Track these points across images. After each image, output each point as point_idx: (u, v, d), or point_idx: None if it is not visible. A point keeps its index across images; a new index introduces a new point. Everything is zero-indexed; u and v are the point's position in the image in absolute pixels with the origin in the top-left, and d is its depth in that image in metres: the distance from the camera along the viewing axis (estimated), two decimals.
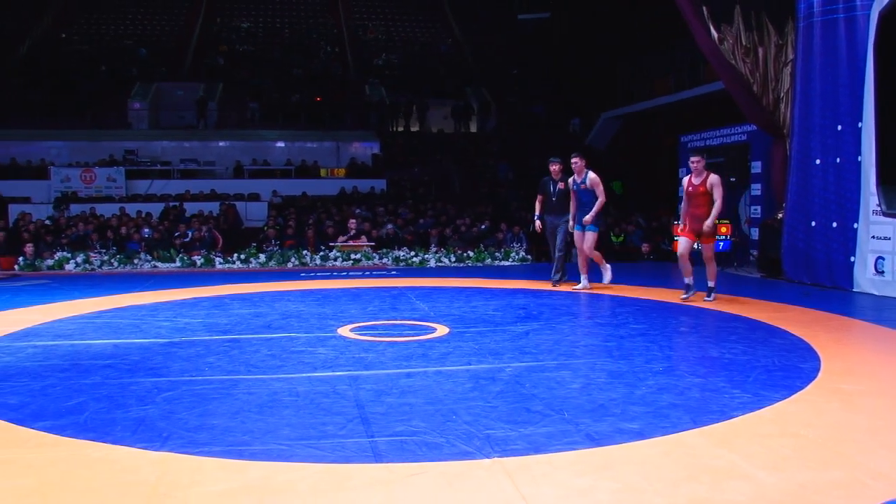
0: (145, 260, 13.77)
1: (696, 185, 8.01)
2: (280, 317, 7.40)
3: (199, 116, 24.64)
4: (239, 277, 11.97)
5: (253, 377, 4.76)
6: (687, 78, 19.79)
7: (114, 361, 5.26)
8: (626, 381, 4.58)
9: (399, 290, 9.84)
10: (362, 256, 14.08)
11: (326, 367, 5.06)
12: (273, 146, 24.26)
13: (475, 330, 6.54)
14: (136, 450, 3.37)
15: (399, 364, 5.13)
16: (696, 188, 8.00)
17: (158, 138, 23.71)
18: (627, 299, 8.60)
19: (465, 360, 5.24)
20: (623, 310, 7.71)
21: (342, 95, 26.53)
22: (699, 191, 7.97)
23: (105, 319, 7.33)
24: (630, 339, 5.98)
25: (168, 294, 9.54)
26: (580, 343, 5.91)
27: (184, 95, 25.65)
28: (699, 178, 8.00)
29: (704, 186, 7.93)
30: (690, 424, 3.70)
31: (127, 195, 20.40)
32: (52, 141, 22.93)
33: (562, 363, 5.11)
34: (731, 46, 11.51)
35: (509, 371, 4.87)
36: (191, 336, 6.30)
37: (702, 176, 7.99)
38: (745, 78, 11.44)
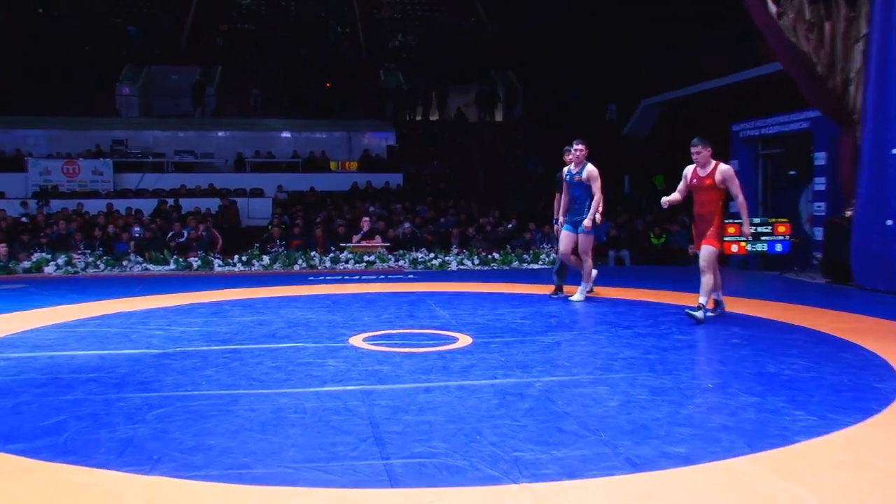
0: (135, 262, 13.87)
1: (701, 178, 7.39)
2: (286, 325, 7.40)
3: (196, 103, 24.80)
4: (240, 281, 12.01)
5: (255, 392, 4.75)
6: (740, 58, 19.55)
7: (99, 375, 5.26)
8: (670, 398, 4.53)
9: (417, 295, 9.82)
10: (376, 258, 14.08)
11: (337, 380, 5.05)
12: (278, 137, 24.37)
13: (501, 340, 6.50)
14: (123, 474, 3.36)
15: (417, 378, 5.11)
16: (702, 181, 7.37)
17: (150, 127, 23.88)
18: (671, 307, 8.51)
19: (490, 374, 5.21)
20: (666, 319, 7.64)
21: (354, 81, 26.62)
22: (705, 184, 7.34)
23: (89, 328, 7.36)
24: (675, 352, 5.92)
25: (161, 300, 9.59)
26: (618, 355, 5.85)
27: (178, 80, 25.81)
28: (705, 169, 7.37)
29: (712, 179, 7.31)
30: (745, 450, 3.63)
31: (115, 190, 20.52)
32: (30, 129, 23.08)
33: (598, 378, 5.07)
34: (792, 21, 11.26)
35: (539, 386, 4.83)
36: (186, 346, 6.31)
37: (708, 167, 7.36)
38: (807, 57, 11.22)
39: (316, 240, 15.54)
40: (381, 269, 13.82)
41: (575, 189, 8.90)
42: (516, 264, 14.32)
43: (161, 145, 23.29)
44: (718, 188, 7.30)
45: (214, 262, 13.90)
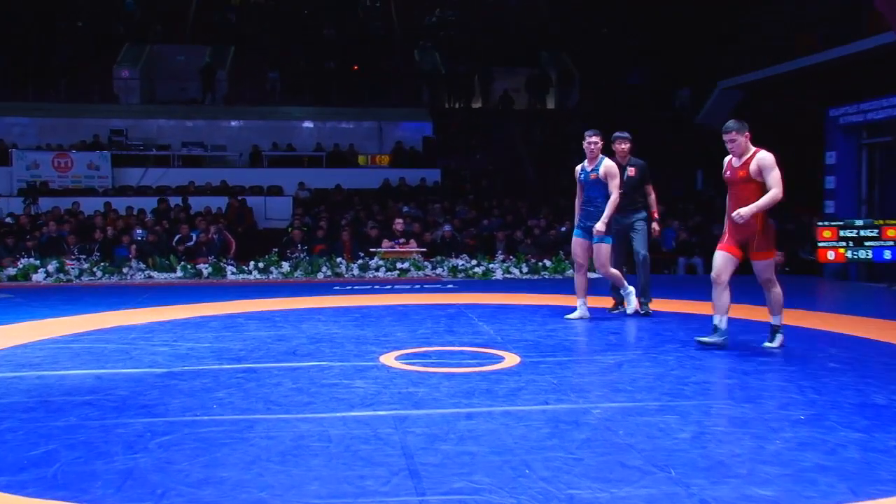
0: (137, 269, 14.03)
1: (735, 170, 6.85)
2: (308, 341, 7.41)
3: (205, 88, 25.07)
4: (256, 291, 12.09)
5: (273, 417, 4.75)
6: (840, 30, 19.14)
7: (95, 398, 5.28)
8: (753, 431, 4.45)
9: (457, 307, 9.80)
10: (411, 266, 14.10)
11: (366, 404, 5.04)
12: (299, 127, 24.56)
13: (553, 360, 6.46)
14: None
15: (457, 402, 5.08)
16: (736, 173, 6.83)
17: (153, 115, 24.23)
18: (752, 323, 8.39)
19: (540, 399, 5.17)
20: (747, 337, 7.53)
21: (385, 62, 26.73)
22: (739, 176, 6.80)
23: (84, 344, 7.40)
24: (758, 376, 5.83)
25: (166, 312, 9.67)
26: (690, 379, 5.77)
27: (185, 61, 26.10)
28: (741, 159, 6.83)
29: (746, 170, 6.75)
30: (848, 496, 3.54)
31: (113, 187, 20.86)
32: (16, 117, 23.46)
33: (666, 405, 5.01)
34: None
35: (598, 413, 4.79)
36: (195, 365, 6.34)
37: (745, 156, 6.81)
38: None
39: (342, 244, 15.60)
40: (416, 278, 13.82)
41: (590, 189, 8.58)
42: (570, 273, 14.20)
43: (166, 136, 23.59)
44: (755, 180, 6.71)
45: (227, 270, 14.01)
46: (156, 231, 16.20)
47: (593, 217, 8.50)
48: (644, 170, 9.10)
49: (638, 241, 9.03)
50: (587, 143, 8.55)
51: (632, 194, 8.97)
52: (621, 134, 9.09)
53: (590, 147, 8.53)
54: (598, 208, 8.48)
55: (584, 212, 8.62)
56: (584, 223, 8.63)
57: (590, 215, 8.55)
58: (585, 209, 8.61)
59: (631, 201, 8.99)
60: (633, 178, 8.99)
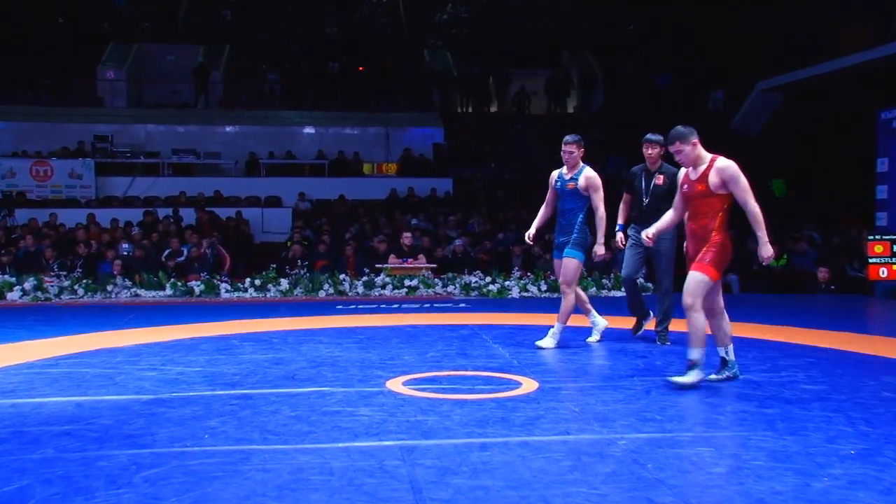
0: (123, 286, 14.05)
1: (693, 183, 6.37)
2: (308, 364, 7.40)
3: (198, 91, 25.19)
4: (252, 311, 12.09)
5: (270, 448, 4.74)
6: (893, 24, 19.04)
7: (75, 427, 5.27)
8: (797, 466, 4.39)
9: (470, 329, 9.77)
10: (420, 283, 14.08)
11: (371, 434, 5.02)
12: (299, 133, 24.65)
13: (575, 385, 6.44)
14: None
15: (470, 431, 5.06)
16: (694, 187, 6.35)
17: (141, 120, 24.33)
18: (795, 347, 8.33)
19: (561, 428, 5.15)
20: (789, 362, 7.47)
21: (393, 63, 26.80)
22: (697, 190, 6.31)
23: (64, 368, 7.39)
24: (801, 406, 5.76)
25: (154, 333, 9.66)
26: (726, 408, 5.73)
27: (176, 62, 26.23)
28: (697, 171, 6.35)
29: (705, 183, 6.27)
30: None
31: (97, 198, 20.92)
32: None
33: (700, 436, 4.97)
34: None
35: (624, 444, 4.76)
36: (185, 391, 6.32)
37: (701, 167, 6.33)
38: None
39: (346, 260, 15.61)
40: (425, 297, 13.80)
41: (566, 199, 8.29)
42: (594, 291, 14.18)
43: (155, 142, 23.69)
44: (717, 194, 6.23)
45: (221, 287, 14.02)
46: (143, 245, 16.22)
47: (565, 231, 8.29)
48: (675, 179, 8.37)
49: (663, 265, 8.51)
50: (566, 152, 8.25)
51: (658, 206, 8.26)
52: (652, 137, 8.54)
53: (565, 157, 8.26)
54: (570, 223, 8.25)
55: (558, 225, 8.39)
56: (557, 238, 8.40)
57: (562, 229, 8.32)
58: (558, 222, 8.38)
59: (655, 214, 8.13)
60: (660, 187, 8.44)
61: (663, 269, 8.55)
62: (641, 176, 8.64)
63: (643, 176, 8.62)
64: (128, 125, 23.89)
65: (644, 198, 8.55)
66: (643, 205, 8.53)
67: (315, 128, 24.73)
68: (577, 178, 8.25)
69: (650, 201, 8.50)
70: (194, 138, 23.92)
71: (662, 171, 8.61)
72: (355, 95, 25.52)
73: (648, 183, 8.56)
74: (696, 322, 6.28)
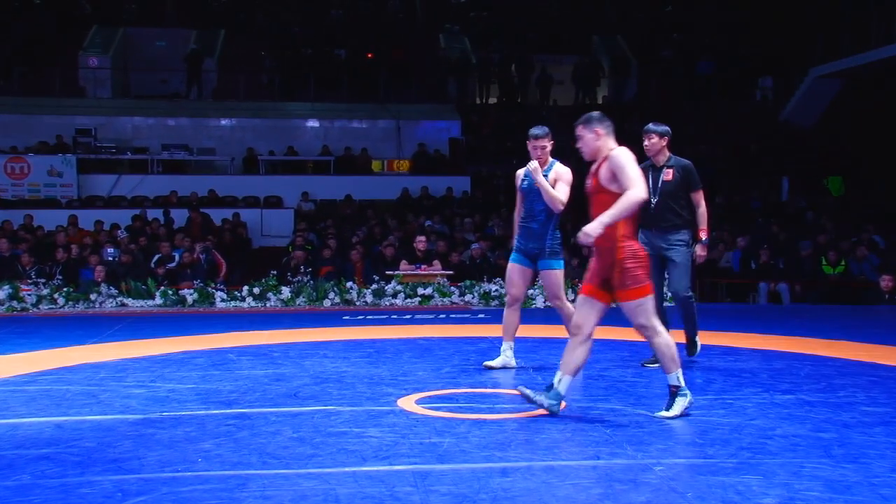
0: (108, 295, 14.08)
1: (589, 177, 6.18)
2: (312, 381, 7.39)
3: (191, 80, 25.27)
4: (251, 321, 12.10)
5: (270, 473, 4.73)
6: None
7: (55, 451, 5.27)
8: (857, 498, 4.35)
9: (489, 342, 9.74)
10: (435, 291, 14.07)
11: (381, 457, 5.01)
12: (302, 126, 24.70)
13: (606, 405, 6.42)
14: None
15: (490, 455, 5.04)
16: (588, 182, 6.17)
17: (128, 112, 24.43)
18: (853, 364, 8.28)
19: (590, 452, 5.13)
20: (846, 381, 7.41)
21: (405, 50, 26.84)
22: (591, 186, 6.13)
23: (42, 386, 7.39)
24: (861, 430, 5.71)
25: (143, 346, 9.67)
26: (774, 431, 5.68)
27: (167, 48, 26.31)
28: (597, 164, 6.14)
29: (596, 178, 6.03)
30: None
31: (79, 198, 21.01)
32: None
33: (745, 462, 4.93)
34: None
35: (660, 471, 4.73)
36: (177, 410, 6.32)
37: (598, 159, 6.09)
38: None
39: (353, 266, 15.60)
40: (440, 307, 13.79)
41: (535, 200, 7.89)
42: None
43: (143, 137, 23.79)
44: (609, 191, 5.94)
45: (216, 296, 14.04)
46: (130, 250, 16.27)
47: (536, 237, 7.91)
48: (687, 173, 8.16)
49: (677, 274, 8.12)
50: (533, 146, 7.90)
51: (668, 205, 8.08)
52: (654, 127, 8.18)
53: (536, 151, 7.89)
54: (543, 226, 7.88)
55: (524, 230, 7.99)
56: (524, 244, 8.00)
57: (531, 234, 7.93)
58: (526, 226, 7.98)
59: (665, 215, 8.09)
60: (668, 182, 8.08)
61: (680, 276, 8.10)
62: (647, 173, 7.96)
63: (649, 173, 8.06)
64: (113, 118, 23.96)
65: (652, 197, 8.00)
66: (651, 206, 7.96)
67: (319, 121, 24.77)
68: (548, 174, 7.91)
69: (660, 201, 8.08)
70: (186, 132, 24.01)
71: (671, 165, 8.19)
72: (363, 85, 25.56)
73: (656, 180, 8.11)
74: (660, 344, 6.02)
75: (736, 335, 10.05)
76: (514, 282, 8.06)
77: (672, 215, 8.08)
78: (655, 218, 8.05)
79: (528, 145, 7.99)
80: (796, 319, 12.23)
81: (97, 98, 24.70)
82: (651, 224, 8.06)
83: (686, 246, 8.13)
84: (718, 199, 20.48)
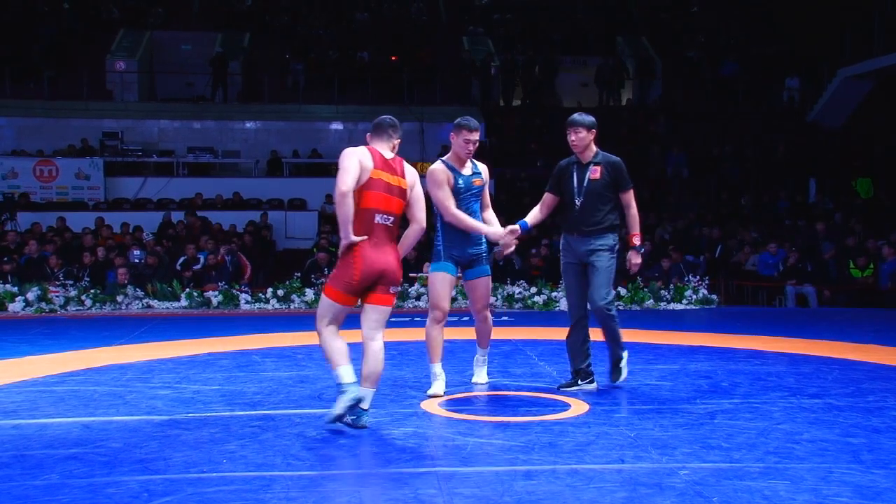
0: (135, 297, 14.16)
1: None
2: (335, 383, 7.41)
3: (216, 84, 25.31)
4: (275, 323, 12.16)
5: (295, 475, 4.74)
6: None
7: (82, 451, 5.30)
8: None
9: (513, 344, 9.75)
10: (458, 294, 14.06)
11: (404, 460, 5.02)
12: (326, 129, 24.72)
13: (631, 408, 6.43)
14: None
15: (514, 458, 5.04)
16: None
17: (154, 115, 24.52)
18: (883, 368, 8.23)
19: (615, 455, 5.12)
20: (876, 385, 7.36)
21: (429, 52, 26.84)
22: None
23: (70, 386, 7.45)
24: (891, 435, 5.67)
25: (168, 348, 9.75)
26: (802, 436, 5.65)
27: (192, 51, 26.37)
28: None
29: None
30: None
31: (106, 200, 21.08)
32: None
33: (772, 466, 4.90)
34: None
35: (686, 475, 4.72)
36: (202, 412, 6.37)
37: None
38: None
39: None
40: (464, 309, 13.78)
41: (472, 200, 7.22)
42: (650, 303, 14.11)
43: (169, 140, 23.87)
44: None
45: (241, 298, 14.09)
46: (156, 252, 16.30)
47: (474, 241, 7.23)
48: (616, 171, 7.30)
49: (597, 281, 7.17)
50: (465, 140, 7.10)
51: (594, 206, 7.25)
52: (581, 119, 7.27)
53: (469, 147, 7.12)
54: None
55: (461, 235, 7.15)
56: (460, 251, 7.20)
57: (469, 239, 7.19)
58: (464, 232, 7.13)
59: (590, 218, 7.25)
60: (596, 182, 7.24)
61: (600, 283, 7.15)
62: (572, 171, 7.36)
63: (573, 170, 7.34)
64: (139, 121, 24.07)
65: (577, 198, 7.27)
66: (576, 207, 7.27)
67: (343, 123, 24.78)
68: (479, 172, 7.31)
69: (585, 201, 7.25)
70: (211, 135, 24.09)
71: (598, 162, 7.31)
72: (387, 87, 25.49)
73: (581, 178, 7.29)
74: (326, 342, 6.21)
75: (762, 338, 10.01)
76: (446, 295, 7.25)
77: (598, 218, 7.23)
78: (579, 221, 7.27)
79: (459, 138, 7.11)
80: (824, 323, 12.15)
81: (124, 101, 24.76)
82: (574, 227, 7.33)
83: (610, 252, 7.24)
84: (744, 201, 20.39)
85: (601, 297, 7.09)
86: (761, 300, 15.98)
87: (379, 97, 25.23)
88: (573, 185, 7.27)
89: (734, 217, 19.39)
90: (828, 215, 19.67)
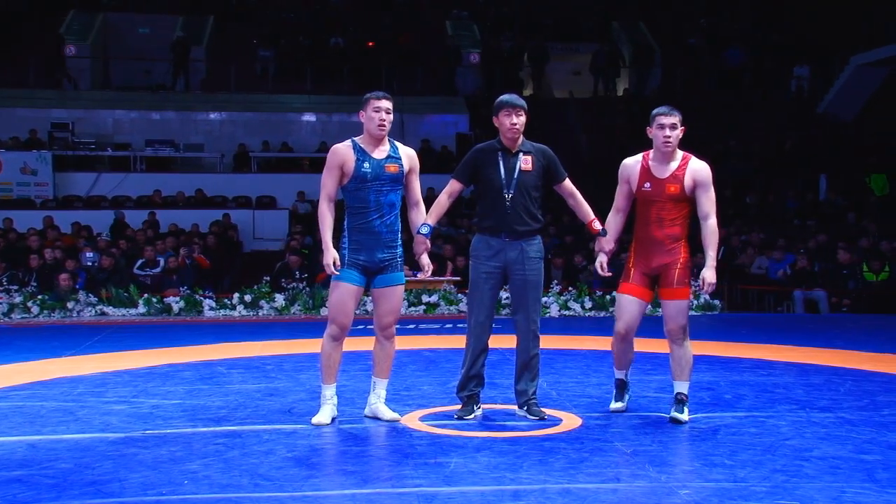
0: (87, 303, 14.10)
1: (660, 181, 6.46)
2: (308, 396, 7.42)
3: (177, 71, 25.28)
4: (241, 331, 12.15)
5: (263, 496, 4.74)
6: None
7: (27, 473, 5.27)
8: None
9: (501, 353, 9.74)
10: (440, 299, 14.08)
11: (383, 479, 5.02)
12: (298, 121, 24.72)
13: (626, 422, 6.45)
14: None
15: (500, 476, 5.05)
16: (664, 186, 6.45)
17: (108, 105, 24.43)
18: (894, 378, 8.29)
19: (609, 474, 5.15)
20: (891, 398, 7.42)
21: (409, 38, 26.85)
22: (668, 192, 6.44)
23: (14, 402, 7.42)
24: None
25: (124, 359, 9.71)
26: (811, 452, 5.68)
27: (151, 35, 26.30)
28: (668, 165, 6.49)
29: (678, 185, 6.42)
30: None
31: (56, 198, 20.99)
32: None
33: (779, 486, 4.92)
34: None
35: (686, 495, 4.74)
36: (161, 428, 6.34)
37: (672, 162, 6.48)
38: None
39: None
40: (447, 315, 13.79)
41: (387, 191, 6.58)
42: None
43: (125, 132, 23.82)
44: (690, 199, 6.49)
45: (204, 304, 14.05)
46: (111, 254, 16.22)
47: (386, 244, 6.61)
48: (549, 160, 6.96)
49: (533, 296, 6.77)
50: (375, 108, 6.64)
51: (526, 202, 6.80)
52: (521, 101, 6.81)
53: (377, 121, 6.62)
54: (392, 229, 6.65)
55: (369, 236, 6.54)
56: (368, 256, 6.54)
57: (379, 241, 6.56)
58: (371, 230, 6.54)
59: (522, 216, 6.78)
60: (529, 173, 6.79)
61: (532, 298, 6.75)
62: (496, 159, 6.80)
63: (500, 159, 6.79)
64: (92, 111, 23.96)
65: (506, 192, 6.71)
66: (505, 202, 6.70)
67: (316, 115, 24.79)
68: (399, 157, 6.71)
69: (517, 195, 6.74)
70: (172, 127, 24.04)
71: (528, 151, 6.86)
72: (364, 76, 25.48)
73: (511, 169, 6.75)
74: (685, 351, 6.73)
75: (769, 347, 10.05)
76: (349, 310, 6.68)
77: (529, 216, 6.80)
78: (511, 219, 6.70)
79: (369, 108, 6.68)
80: (835, 330, 12.20)
81: (75, 90, 24.68)
82: (502, 227, 6.71)
83: (541, 261, 6.87)
84: (750, 199, 20.45)
85: (535, 321, 6.75)
86: (768, 305, 16.04)
87: (355, 86, 25.20)
88: (500, 176, 6.73)
89: (739, 216, 19.44)
90: (840, 214, 19.78)
